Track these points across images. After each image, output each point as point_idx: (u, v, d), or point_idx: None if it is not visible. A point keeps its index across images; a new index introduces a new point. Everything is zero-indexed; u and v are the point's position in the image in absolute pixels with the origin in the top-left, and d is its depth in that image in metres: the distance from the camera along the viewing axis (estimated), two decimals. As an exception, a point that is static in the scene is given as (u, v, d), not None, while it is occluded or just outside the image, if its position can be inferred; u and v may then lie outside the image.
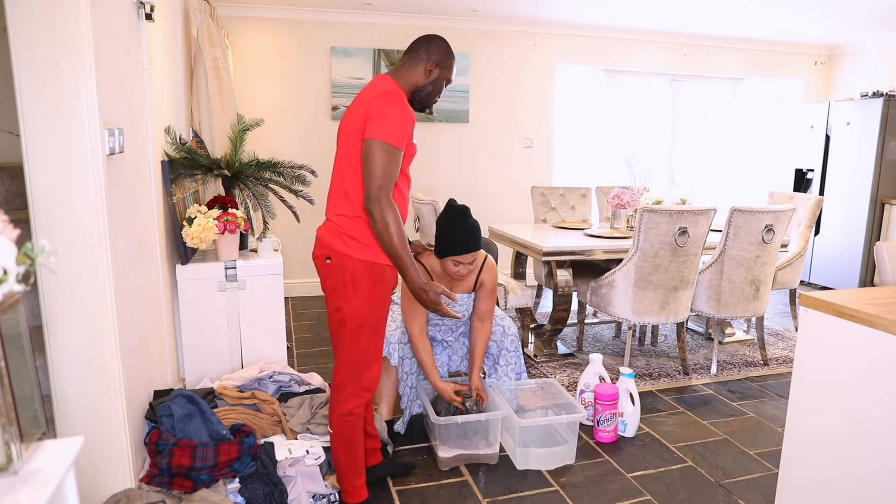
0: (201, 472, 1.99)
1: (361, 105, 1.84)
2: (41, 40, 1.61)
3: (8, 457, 0.77)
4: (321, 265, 1.94)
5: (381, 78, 1.93)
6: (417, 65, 1.94)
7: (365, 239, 1.86)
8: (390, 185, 1.79)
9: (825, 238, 5.57)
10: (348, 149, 1.86)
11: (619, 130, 5.78)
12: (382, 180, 1.77)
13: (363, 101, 1.85)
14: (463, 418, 2.37)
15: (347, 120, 1.88)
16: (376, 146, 1.77)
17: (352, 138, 1.85)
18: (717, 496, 2.25)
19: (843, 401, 1.55)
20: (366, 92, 1.89)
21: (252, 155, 2.94)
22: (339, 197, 1.90)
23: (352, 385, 1.96)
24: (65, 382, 1.78)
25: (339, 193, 1.91)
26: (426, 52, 1.94)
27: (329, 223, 1.93)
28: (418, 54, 1.94)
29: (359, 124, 1.82)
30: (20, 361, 0.83)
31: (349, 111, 1.90)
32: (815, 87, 6.12)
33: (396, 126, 1.78)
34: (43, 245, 0.80)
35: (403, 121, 1.81)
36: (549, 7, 4.59)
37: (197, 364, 2.70)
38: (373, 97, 1.82)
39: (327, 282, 1.94)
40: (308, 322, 4.32)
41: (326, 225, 1.94)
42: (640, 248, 3.10)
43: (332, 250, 1.88)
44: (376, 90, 1.85)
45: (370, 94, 1.86)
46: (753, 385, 3.30)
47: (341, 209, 1.89)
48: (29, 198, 1.68)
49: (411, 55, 1.96)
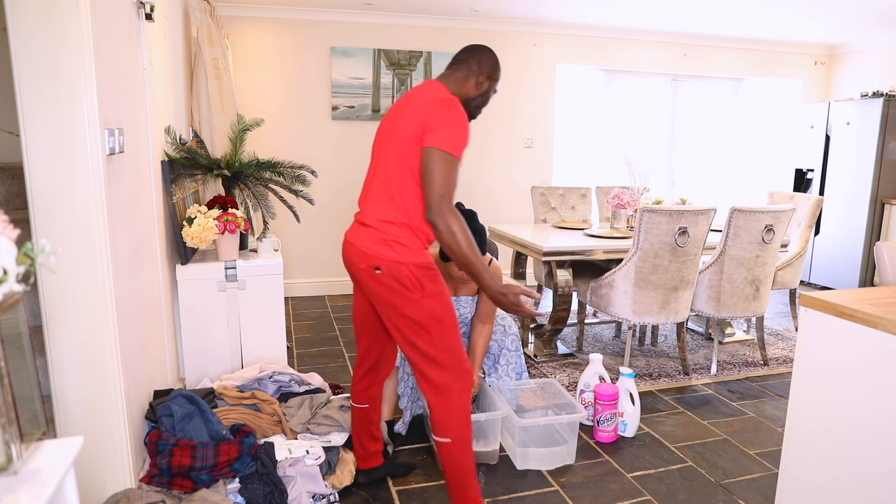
0: (201, 472, 1.99)
1: (419, 112, 1.79)
2: (41, 40, 1.61)
3: (8, 457, 0.77)
4: (368, 276, 1.83)
5: (434, 85, 1.89)
6: (469, 76, 1.92)
7: (413, 244, 1.81)
8: (452, 195, 1.76)
9: (825, 238, 5.57)
10: (400, 155, 1.80)
11: (619, 130, 5.78)
12: (444, 189, 1.74)
13: (420, 107, 1.80)
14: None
15: (400, 124, 1.82)
16: (438, 155, 1.74)
17: (406, 144, 1.79)
18: (717, 496, 2.25)
19: (843, 400, 1.55)
20: (420, 98, 1.85)
21: (252, 155, 2.94)
22: (382, 202, 1.83)
23: (457, 381, 1.88)
24: (65, 382, 1.78)
25: (382, 198, 1.83)
26: (478, 64, 1.92)
27: (370, 230, 1.83)
28: (469, 66, 1.92)
29: (416, 131, 1.77)
30: (20, 361, 0.83)
31: (400, 115, 1.85)
32: (815, 87, 6.12)
33: (458, 135, 1.77)
34: (43, 245, 0.80)
35: (464, 130, 1.79)
36: (550, 7, 4.59)
37: (197, 364, 2.70)
38: (433, 104, 1.79)
39: (382, 293, 1.83)
40: (308, 322, 4.32)
41: (366, 232, 1.84)
42: (640, 248, 3.10)
43: (380, 259, 1.79)
44: (434, 97, 1.82)
45: (428, 100, 1.81)
46: (753, 385, 3.30)
47: (386, 215, 1.81)
48: (29, 198, 1.68)
49: (462, 65, 1.93)
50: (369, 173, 1.92)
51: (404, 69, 4.95)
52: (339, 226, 5.04)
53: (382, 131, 1.90)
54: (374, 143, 1.93)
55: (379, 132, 1.92)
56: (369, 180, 1.90)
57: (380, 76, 4.90)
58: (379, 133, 1.92)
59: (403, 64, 4.94)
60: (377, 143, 1.91)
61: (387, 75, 4.92)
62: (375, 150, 1.92)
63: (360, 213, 1.90)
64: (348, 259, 1.90)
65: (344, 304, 4.82)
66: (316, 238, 5.00)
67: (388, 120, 1.90)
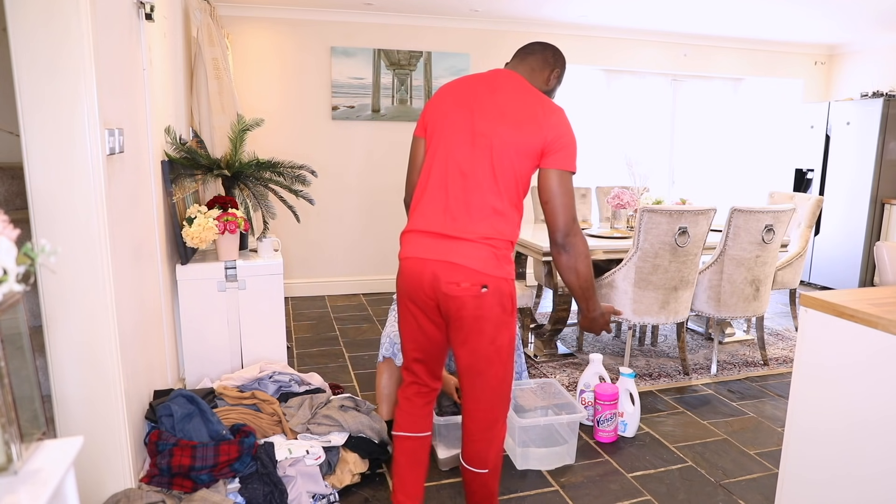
0: (201, 472, 1.99)
1: (532, 121, 1.61)
2: (41, 40, 1.61)
3: (8, 457, 0.77)
4: (470, 297, 1.58)
5: (515, 77, 1.71)
6: (545, 69, 1.78)
7: (512, 261, 1.67)
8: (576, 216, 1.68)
9: (825, 238, 5.57)
10: (508, 164, 1.60)
11: (619, 130, 5.78)
12: (574, 212, 1.65)
13: (530, 114, 1.62)
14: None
15: (502, 129, 1.61)
16: (568, 177, 1.63)
17: (518, 155, 1.61)
18: (717, 496, 2.25)
19: (843, 400, 1.55)
20: (516, 97, 1.66)
21: (252, 155, 2.94)
22: (486, 215, 1.60)
23: (503, 414, 1.74)
24: (65, 382, 1.78)
25: (484, 211, 1.60)
26: (553, 56, 1.79)
27: (473, 245, 1.58)
28: (545, 57, 1.78)
29: (535, 145, 1.61)
30: (20, 361, 0.83)
31: (487, 113, 1.63)
32: (815, 87, 6.12)
33: (576, 150, 1.66)
34: (43, 245, 0.80)
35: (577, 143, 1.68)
36: (550, 7, 4.59)
37: (197, 364, 2.70)
38: (547, 113, 1.63)
39: (479, 313, 1.60)
40: (308, 322, 4.32)
41: (469, 248, 1.58)
42: (640, 248, 3.10)
43: (490, 277, 1.58)
44: (538, 99, 1.67)
45: (533, 105, 1.64)
46: (753, 385, 3.30)
47: (493, 230, 1.60)
48: (29, 198, 1.68)
49: (537, 56, 1.78)
50: (439, 176, 1.64)
51: (404, 69, 4.95)
52: (339, 226, 5.05)
53: (451, 126, 1.65)
54: (436, 139, 1.67)
55: (442, 126, 1.66)
56: (442, 184, 1.63)
57: (380, 76, 4.90)
58: (443, 127, 1.66)
59: (403, 64, 4.94)
60: (443, 138, 1.65)
61: (387, 75, 4.92)
62: (443, 148, 1.65)
63: (443, 223, 1.61)
64: (434, 278, 1.60)
65: (344, 304, 4.82)
66: (316, 238, 5.00)
67: (458, 113, 1.65)
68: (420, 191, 1.67)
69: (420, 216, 1.65)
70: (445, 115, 1.67)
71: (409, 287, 1.66)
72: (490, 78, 1.71)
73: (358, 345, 3.82)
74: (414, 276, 1.63)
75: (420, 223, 1.64)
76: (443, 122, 1.66)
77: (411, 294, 1.66)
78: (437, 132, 1.67)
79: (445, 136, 1.65)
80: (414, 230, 1.66)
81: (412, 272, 1.63)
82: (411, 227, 1.67)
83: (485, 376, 1.67)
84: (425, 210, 1.64)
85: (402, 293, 1.70)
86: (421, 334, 1.73)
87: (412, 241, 1.65)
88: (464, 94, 1.68)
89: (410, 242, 1.66)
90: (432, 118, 1.69)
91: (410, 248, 1.65)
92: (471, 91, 1.68)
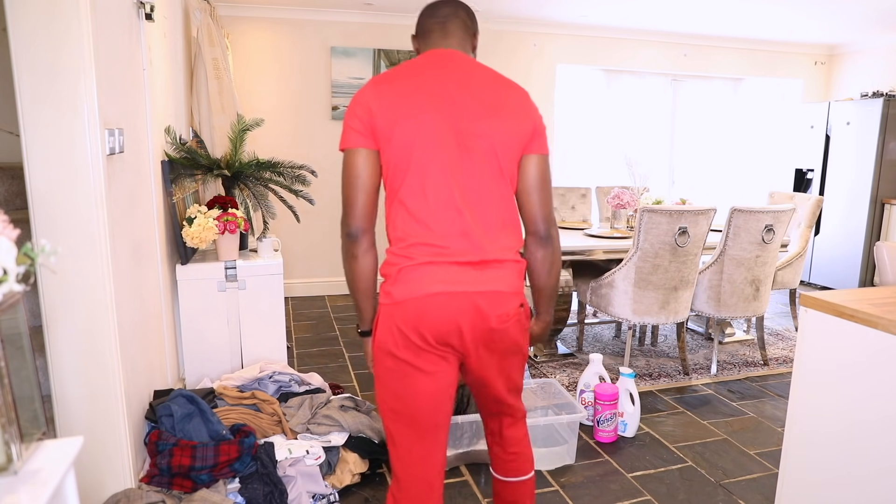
0: (201, 472, 1.99)
1: (518, 110, 1.38)
2: (41, 40, 1.61)
3: (8, 457, 0.77)
4: (514, 322, 1.37)
5: (474, 61, 1.44)
6: (468, 36, 1.48)
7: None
8: None
9: (825, 238, 5.57)
10: (503, 164, 1.37)
11: (619, 130, 5.78)
12: (552, 200, 1.46)
13: (513, 103, 1.38)
14: (463, 418, 2.36)
15: (494, 125, 1.34)
16: (548, 161, 1.44)
17: (519, 151, 1.39)
18: (717, 496, 2.25)
19: (844, 400, 1.55)
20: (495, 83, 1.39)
21: (252, 155, 2.94)
22: (501, 229, 1.38)
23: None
24: (65, 382, 1.78)
25: (499, 225, 1.37)
26: (469, 18, 1.49)
27: (502, 266, 1.36)
28: (465, 23, 1.47)
29: (527, 134, 1.39)
30: (20, 361, 0.83)
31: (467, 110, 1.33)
32: (815, 87, 6.12)
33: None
34: (43, 245, 0.80)
35: None
36: (550, 7, 4.59)
37: (197, 364, 2.70)
38: (526, 97, 1.41)
39: (521, 336, 1.41)
40: (308, 322, 4.32)
41: (499, 271, 1.35)
42: (640, 248, 3.10)
43: (521, 294, 1.40)
44: (515, 87, 1.42)
45: (515, 91, 1.41)
46: (753, 385, 3.30)
47: (513, 242, 1.40)
48: (29, 198, 1.68)
49: (458, 24, 1.45)
50: (438, 191, 1.32)
51: (404, 69, 4.95)
52: (338, 226, 5.03)
53: (429, 130, 1.32)
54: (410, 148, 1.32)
55: (415, 132, 1.31)
56: (447, 201, 1.32)
57: (380, 76, 4.90)
58: (416, 133, 1.31)
59: (403, 64, 4.94)
60: (424, 147, 1.32)
61: (387, 75, 4.91)
62: (429, 158, 1.32)
63: (466, 248, 1.32)
64: (478, 314, 1.32)
65: (344, 303, 4.82)
66: (316, 238, 5.00)
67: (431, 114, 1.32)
68: (413, 212, 1.33)
69: (429, 242, 1.32)
70: (413, 117, 1.30)
71: (436, 331, 1.31)
72: (445, 66, 1.38)
73: (358, 345, 3.81)
74: (445, 315, 1.30)
75: (433, 252, 1.32)
76: (414, 128, 1.30)
77: (441, 338, 1.32)
78: (408, 140, 1.31)
79: (427, 144, 1.31)
80: (430, 261, 1.31)
81: (441, 311, 1.30)
82: (422, 256, 1.32)
83: (519, 387, 1.52)
84: (435, 233, 1.32)
85: (416, 343, 1.32)
86: (441, 390, 1.37)
87: (429, 274, 1.31)
88: (429, 91, 1.33)
89: (427, 276, 1.31)
90: (386, 124, 1.30)
91: (430, 283, 1.30)
92: (437, 85, 1.34)
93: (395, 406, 1.38)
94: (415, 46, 1.52)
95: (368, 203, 1.36)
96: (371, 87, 1.35)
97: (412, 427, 1.38)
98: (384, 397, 1.40)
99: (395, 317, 1.32)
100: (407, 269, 1.33)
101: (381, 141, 1.32)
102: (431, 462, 1.41)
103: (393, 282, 1.34)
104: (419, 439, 1.39)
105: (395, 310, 1.32)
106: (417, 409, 1.36)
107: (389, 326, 1.33)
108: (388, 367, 1.36)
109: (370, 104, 1.32)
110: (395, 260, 1.35)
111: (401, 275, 1.33)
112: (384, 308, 1.35)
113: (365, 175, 1.34)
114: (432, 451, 1.41)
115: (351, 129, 1.34)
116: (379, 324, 1.36)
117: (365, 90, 1.35)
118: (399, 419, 1.38)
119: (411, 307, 1.31)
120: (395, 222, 1.36)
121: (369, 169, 1.34)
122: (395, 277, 1.34)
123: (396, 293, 1.32)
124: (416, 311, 1.31)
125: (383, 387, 1.39)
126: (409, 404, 1.36)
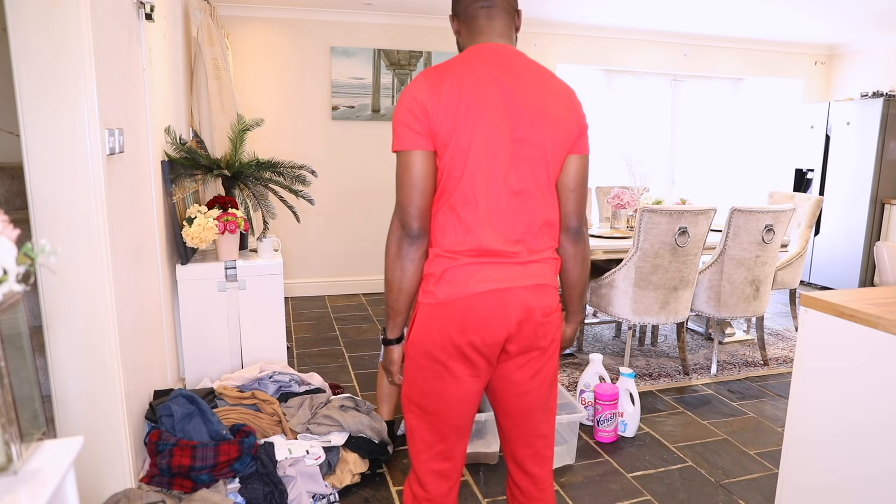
0: (201, 472, 1.99)
1: (569, 113, 1.36)
2: (41, 40, 1.61)
3: (8, 457, 0.77)
4: (558, 316, 1.39)
5: (524, 56, 1.38)
6: (513, 18, 1.42)
7: None
8: None
9: (825, 238, 5.57)
10: (551, 165, 1.35)
11: (619, 130, 5.78)
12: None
13: (564, 105, 1.36)
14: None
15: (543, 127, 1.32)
16: (588, 161, 1.43)
17: (559, 152, 1.36)
18: (717, 496, 2.25)
19: (843, 400, 1.55)
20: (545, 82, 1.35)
21: (252, 155, 2.94)
22: (542, 229, 1.36)
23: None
24: (65, 382, 1.78)
25: (541, 226, 1.36)
26: (516, 2, 1.42)
27: (543, 264, 1.37)
28: (510, 3, 1.40)
29: (574, 137, 1.37)
30: (20, 361, 0.83)
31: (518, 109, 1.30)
32: (815, 87, 6.12)
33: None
34: (43, 245, 0.80)
35: None
36: (550, 7, 4.59)
37: (197, 364, 2.70)
38: (574, 97, 1.40)
39: (549, 338, 1.39)
40: (308, 322, 4.32)
41: (541, 267, 1.36)
42: (640, 248, 3.10)
43: (557, 297, 1.40)
44: (563, 86, 1.40)
45: (563, 91, 1.38)
46: (753, 385, 3.30)
47: (553, 242, 1.41)
48: (29, 198, 1.68)
49: (501, 8, 1.38)
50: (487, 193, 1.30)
51: (404, 69, 4.95)
52: (339, 226, 5.04)
53: (486, 134, 1.28)
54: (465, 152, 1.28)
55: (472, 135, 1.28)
56: (496, 203, 1.31)
57: (380, 76, 4.90)
58: (472, 136, 1.28)
59: (403, 64, 4.94)
60: (480, 151, 1.29)
61: (387, 75, 4.92)
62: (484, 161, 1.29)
63: (515, 254, 1.32)
64: (526, 309, 1.32)
65: (344, 304, 4.82)
66: (316, 238, 5.00)
67: (487, 116, 1.28)
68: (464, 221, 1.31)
69: (479, 251, 1.31)
70: (469, 125, 1.27)
71: (482, 330, 1.29)
72: (497, 66, 1.32)
73: (358, 345, 3.82)
74: (495, 312, 1.29)
75: (482, 259, 1.31)
76: (470, 135, 1.28)
77: (485, 339, 1.30)
78: (464, 147, 1.28)
79: (481, 151, 1.28)
80: (477, 262, 1.31)
81: (488, 310, 1.29)
82: (469, 259, 1.31)
83: (553, 403, 1.46)
84: (484, 243, 1.30)
85: (458, 346, 1.30)
86: (471, 395, 1.36)
87: (476, 273, 1.30)
88: (483, 95, 1.29)
89: (474, 276, 1.30)
90: (445, 129, 1.27)
91: (477, 282, 1.29)
92: (490, 88, 1.29)
93: (421, 403, 1.37)
94: (454, 27, 1.45)
95: (427, 204, 1.32)
96: (425, 86, 1.29)
97: (434, 427, 1.38)
98: (410, 393, 1.39)
99: (439, 316, 1.30)
100: (453, 269, 1.31)
101: (439, 145, 1.29)
102: (449, 460, 1.41)
103: (437, 281, 1.31)
104: (441, 439, 1.39)
105: (439, 310, 1.31)
106: (443, 410, 1.36)
107: (430, 326, 1.32)
108: (421, 366, 1.35)
109: (426, 105, 1.27)
110: (441, 262, 1.32)
111: (446, 274, 1.31)
112: (425, 307, 1.33)
113: (425, 177, 1.30)
114: (452, 450, 1.41)
115: (408, 129, 1.28)
116: (417, 323, 1.35)
117: (418, 89, 1.29)
118: (422, 417, 1.38)
119: (458, 307, 1.29)
120: (444, 229, 1.33)
121: (428, 170, 1.30)
122: (439, 277, 1.32)
123: (441, 293, 1.30)
124: (462, 311, 1.29)
125: (411, 383, 1.39)
126: (436, 404, 1.36)
